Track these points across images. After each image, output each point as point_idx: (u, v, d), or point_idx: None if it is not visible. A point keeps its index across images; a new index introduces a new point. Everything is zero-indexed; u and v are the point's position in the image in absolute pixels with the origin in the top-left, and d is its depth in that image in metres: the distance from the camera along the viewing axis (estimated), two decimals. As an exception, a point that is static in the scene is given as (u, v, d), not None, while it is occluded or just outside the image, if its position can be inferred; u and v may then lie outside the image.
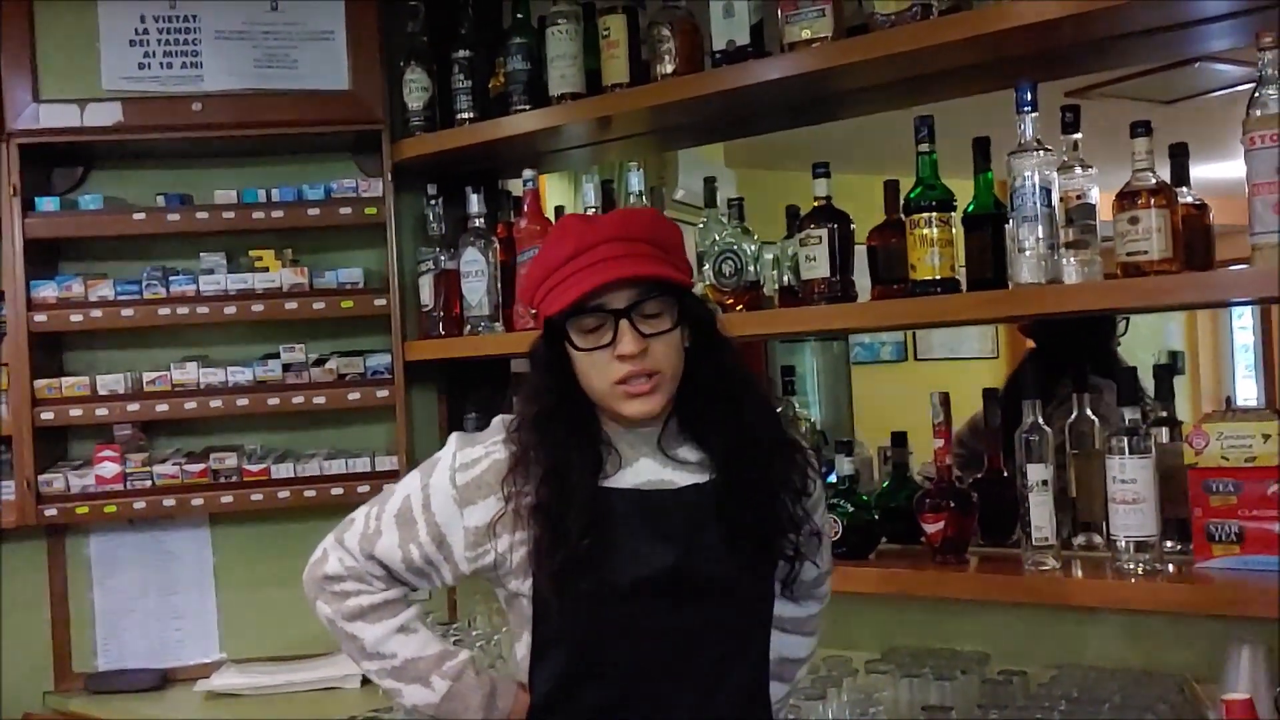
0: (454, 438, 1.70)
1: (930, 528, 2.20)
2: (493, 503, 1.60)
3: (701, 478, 1.61)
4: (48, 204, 2.89)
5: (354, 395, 2.94)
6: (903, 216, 2.19)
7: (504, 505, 1.59)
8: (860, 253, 2.35)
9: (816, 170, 2.33)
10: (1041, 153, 2.00)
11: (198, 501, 2.90)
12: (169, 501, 2.89)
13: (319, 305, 2.92)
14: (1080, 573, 2.08)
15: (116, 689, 2.92)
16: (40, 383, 2.86)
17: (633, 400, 1.55)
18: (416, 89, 2.91)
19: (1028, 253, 2.01)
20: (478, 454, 1.65)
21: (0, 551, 2.95)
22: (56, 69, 2.86)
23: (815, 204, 2.32)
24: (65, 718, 2.89)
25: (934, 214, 2.11)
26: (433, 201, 2.95)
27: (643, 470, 1.61)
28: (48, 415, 2.86)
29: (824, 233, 2.27)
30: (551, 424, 1.59)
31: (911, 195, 2.16)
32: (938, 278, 2.12)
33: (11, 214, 2.83)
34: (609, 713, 1.59)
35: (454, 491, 1.63)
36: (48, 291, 2.87)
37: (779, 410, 1.71)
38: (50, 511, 2.85)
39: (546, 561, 1.55)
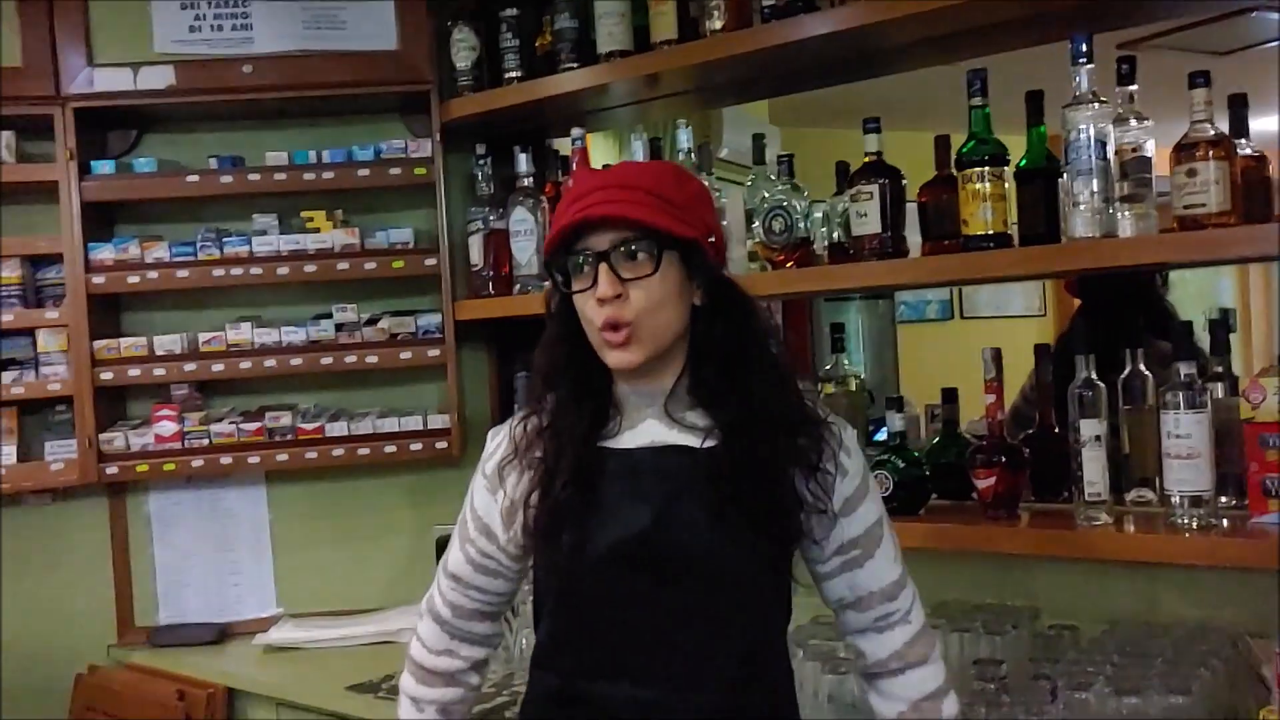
0: (490, 433, 1.74)
1: (982, 483, 2.20)
2: (518, 476, 1.61)
3: (698, 443, 1.55)
4: (104, 167, 2.93)
5: (405, 354, 2.97)
6: (954, 171, 2.17)
7: (525, 471, 1.60)
8: (910, 210, 2.34)
9: (867, 125, 2.31)
10: (1097, 105, 1.98)
11: (254, 459, 2.95)
12: (226, 460, 2.95)
13: (370, 265, 2.95)
14: (1133, 528, 2.07)
15: (177, 642, 3.00)
16: (99, 343, 2.92)
17: (612, 350, 1.52)
18: (464, 48, 2.91)
19: (1082, 206, 1.98)
20: (501, 436, 1.68)
21: (65, 509, 3.04)
22: (109, 33, 2.90)
23: (865, 159, 2.30)
24: (128, 670, 2.97)
25: (986, 169, 2.09)
26: (481, 161, 2.96)
27: (645, 432, 1.58)
28: (107, 375, 2.92)
29: (875, 188, 2.25)
30: (558, 377, 1.59)
31: (964, 150, 2.14)
32: (990, 233, 2.10)
33: (69, 178, 2.88)
34: (587, 677, 1.57)
35: (485, 481, 1.68)
36: (105, 254, 2.92)
37: (800, 383, 1.62)
38: (111, 470, 2.92)
39: (533, 512, 1.56)
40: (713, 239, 1.56)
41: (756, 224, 2.47)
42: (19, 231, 2.98)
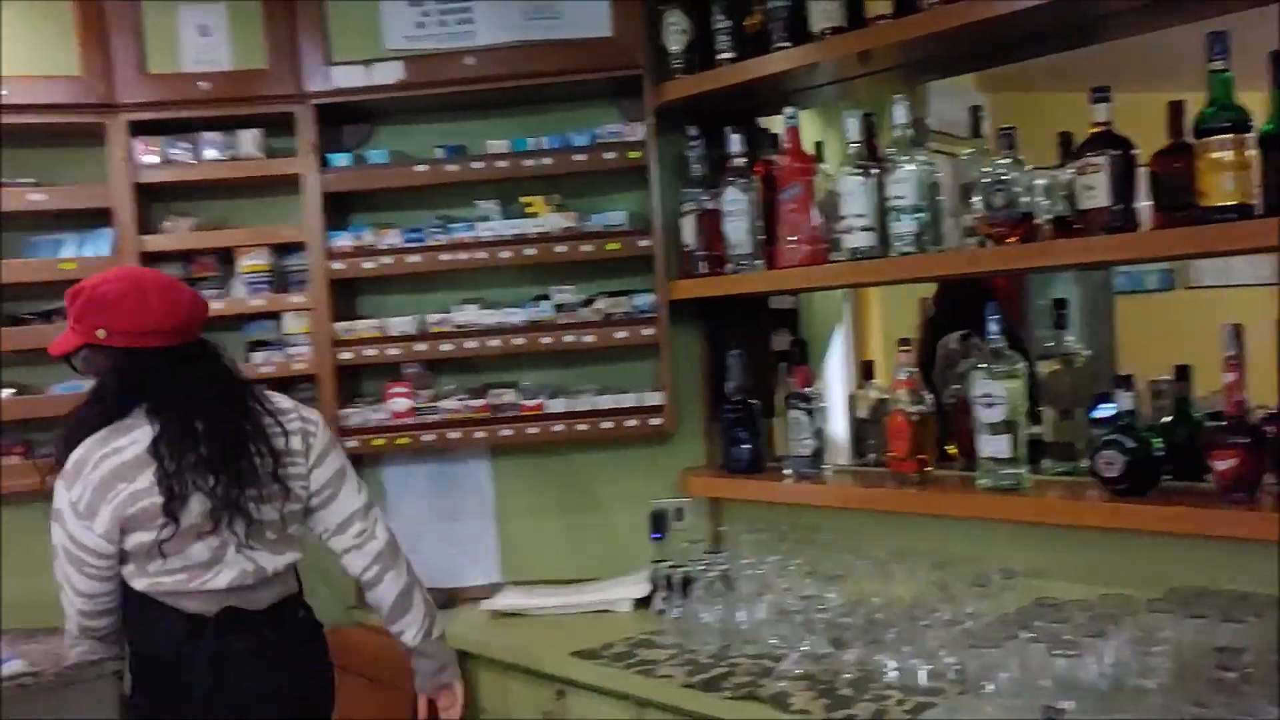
0: None
1: (1220, 464, 2.11)
2: None
3: None
4: (341, 160, 3.12)
5: (621, 333, 3.06)
6: (1190, 140, 2.08)
7: None
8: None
9: (1096, 94, 2.23)
10: (1352, 65, 1.86)
11: (480, 434, 3.10)
12: (454, 434, 3.11)
13: (586, 248, 3.05)
14: (1391, 513, 1.96)
15: (410, 605, 3.17)
16: (338, 325, 3.11)
17: None
18: (676, 31, 2.95)
19: (1335, 173, 1.88)
20: None
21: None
22: (344, 33, 3.08)
23: (1093, 130, 2.23)
24: (365, 629, 3.16)
25: (1228, 136, 2.00)
26: (693, 143, 3.00)
27: None
28: (346, 355, 3.12)
29: (1104, 160, 2.18)
30: None
31: (1204, 116, 2.04)
32: (1231, 203, 2.01)
33: (310, 170, 3.08)
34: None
35: None
36: (343, 241, 3.11)
37: None
38: (351, 443, 3.11)
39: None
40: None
41: (975, 199, 2.42)
42: (265, 222, 3.21)
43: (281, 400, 2.47)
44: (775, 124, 3.00)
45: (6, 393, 3.03)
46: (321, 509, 2.45)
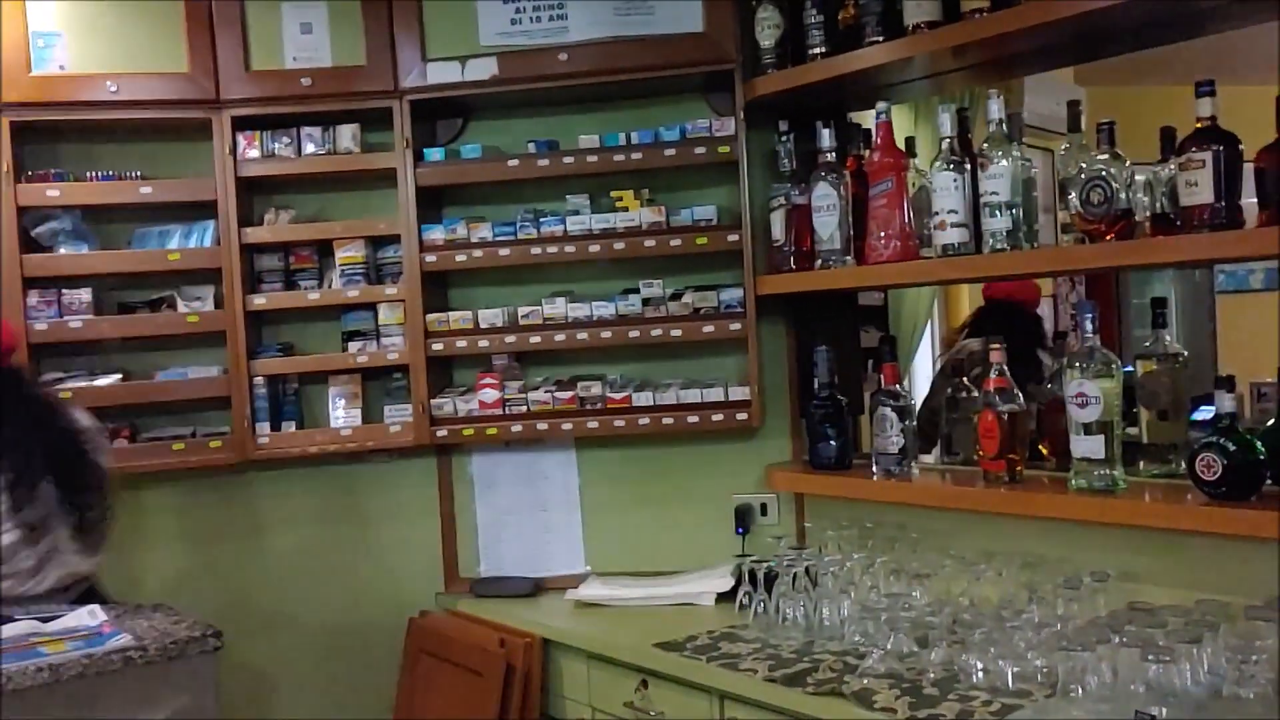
0: None
1: (1324, 470, 2.05)
2: None
3: None
4: (434, 154, 3.17)
5: (708, 328, 3.07)
6: (1300, 135, 2.02)
7: None
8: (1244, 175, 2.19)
9: (1200, 88, 2.18)
10: None
11: (567, 426, 3.13)
12: (542, 425, 3.15)
13: (675, 242, 3.06)
14: None
15: (496, 594, 3.24)
16: (431, 317, 3.17)
17: None
18: (768, 26, 2.95)
19: None
20: None
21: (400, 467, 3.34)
22: (440, 30, 3.13)
23: (1198, 124, 2.17)
24: (454, 616, 3.23)
25: (1340, 131, 1.94)
26: (784, 138, 2.99)
27: None
28: (438, 346, 3.17)
29: (1208, 156, 2.13)
30: None
31: (1312, 111, 1.99)
32: (1341, 201, 1.95)
33: (405, 165, 3.14)
34: None
35: None
36: (436, 234, 3.17)
37: None
38: (441, 433, 3.18)
39: None
40: None
41: (1072, 195, 2.38)
42: (361, 215, 3.28)
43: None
44: (866, 119, 2.97)
45: (114, 378, 3.14)
46: None
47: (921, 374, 5.02)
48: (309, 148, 3.17)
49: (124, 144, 3.20)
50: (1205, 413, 2.34)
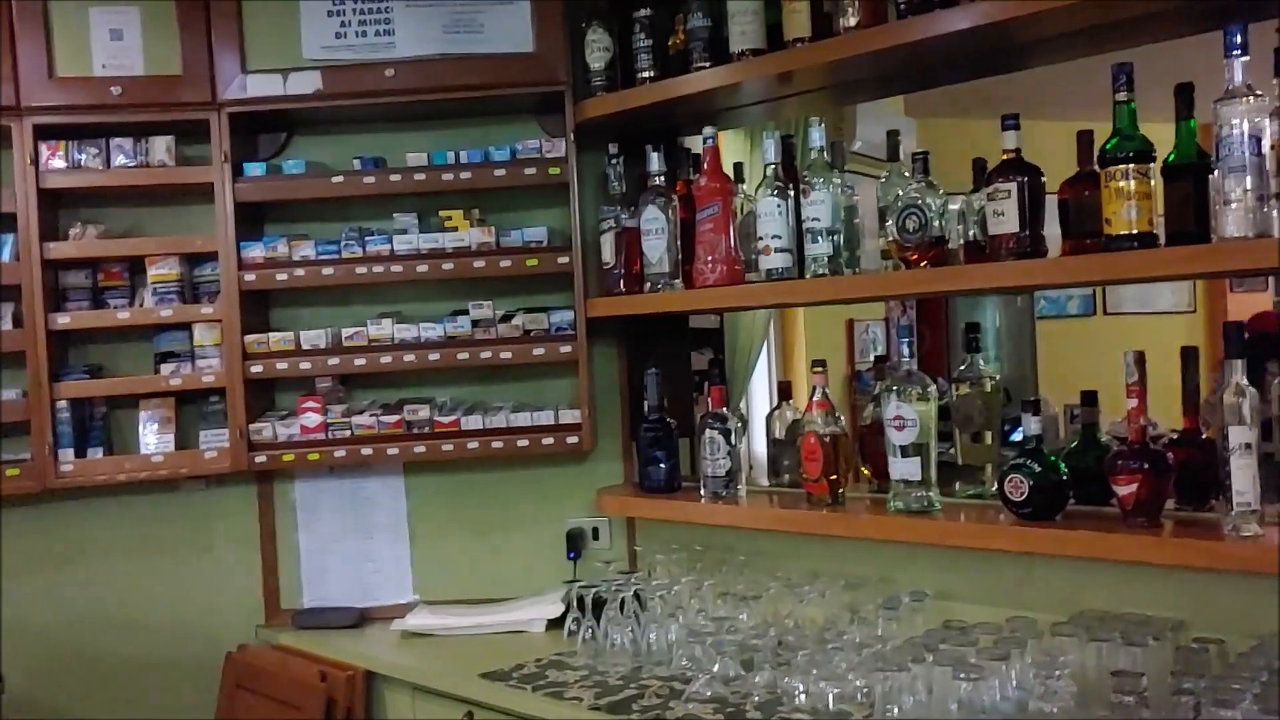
0: None
1: (1122, 490, 2.13)
2: None
3: None
4: (255, 169, 3.06)
5: (539, 350, 3.03)
6: (1097, 168, 2.11)
7: None
8: (1048, 205, 2.28)
9: (1006, 122, 2.26)
10: (1251, 99, 1.90)
11: (393, 451, 3.05)
12: (367, 450, 3.05)
13: (505, 263, 3.02)
14: (1285, 540, 1.99)
15: (320, 625, 3.12)
16: (250, 338, 3.05)
17: None
18: (598, 49, 2.95)
19: (1234, 205, 1.91)
20: None
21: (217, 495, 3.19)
22: (261, 41, 3.01)
23: (1004, 157, 2.25)
24: (275, 650, 3.10)
25: (1131, 165, 2.03)
26: (614, 160, 2.99)
27: None
28: (257, 368, 3.05)
29: (1013, 187, 2.21)
30: None
31: (1108, 146, 2.08)
32: (1134, 232, 2.04)
33: (223, 179, 3.01)
34: None
35: None
36: (256, 252, 3.05)
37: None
38: (260, 458, 3.05)
39: None
40: None
41: (890, 222, 2.44)
42: (177, 231, 3.14)
43: None
44: (697, 144, 3.00)
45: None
46: None
47: (759, 395, 5.09)
48: (119, 159, 3.02)
49: (-87, 152, 3.00)
50: (1018, 435, 2.41)
